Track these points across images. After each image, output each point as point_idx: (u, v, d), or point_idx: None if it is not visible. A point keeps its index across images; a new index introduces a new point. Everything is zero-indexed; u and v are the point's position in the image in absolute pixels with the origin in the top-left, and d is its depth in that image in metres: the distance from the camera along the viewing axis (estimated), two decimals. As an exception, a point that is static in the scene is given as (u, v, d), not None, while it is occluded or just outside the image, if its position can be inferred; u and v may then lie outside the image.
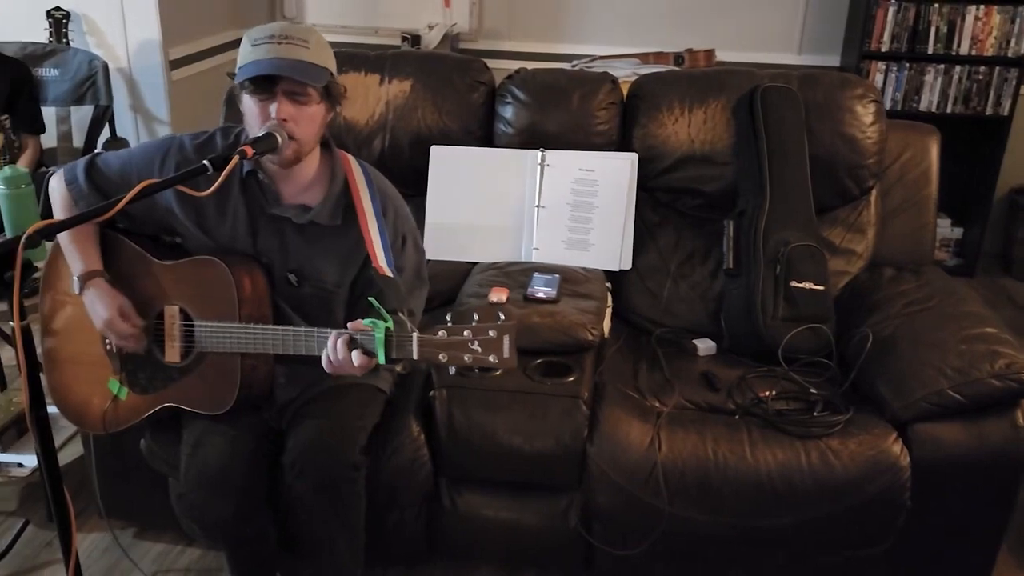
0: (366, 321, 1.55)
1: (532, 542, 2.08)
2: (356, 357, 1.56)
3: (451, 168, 2.51)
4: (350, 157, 1.88)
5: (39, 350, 1.85)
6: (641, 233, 2.48)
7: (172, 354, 1.80)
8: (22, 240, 1.32)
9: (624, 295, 2.46)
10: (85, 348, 1.86)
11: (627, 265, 2.46)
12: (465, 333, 1.48)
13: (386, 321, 1.53)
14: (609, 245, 2.45)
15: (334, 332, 1.59)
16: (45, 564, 2.24)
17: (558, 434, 1.96)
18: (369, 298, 1.57)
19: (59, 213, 1.85)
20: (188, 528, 2.15)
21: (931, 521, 1.96)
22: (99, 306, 1.76)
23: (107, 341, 1.84)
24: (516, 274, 2.32)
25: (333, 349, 1.58)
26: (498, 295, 2.18)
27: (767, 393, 2.06)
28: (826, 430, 1.95)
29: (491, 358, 1.47)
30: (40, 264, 2.18)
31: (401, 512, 2.05)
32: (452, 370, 1.50)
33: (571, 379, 2.02)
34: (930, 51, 3.78)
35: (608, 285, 2.39)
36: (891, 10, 3.75)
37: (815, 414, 1.99)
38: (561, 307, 2.16)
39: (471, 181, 2.50)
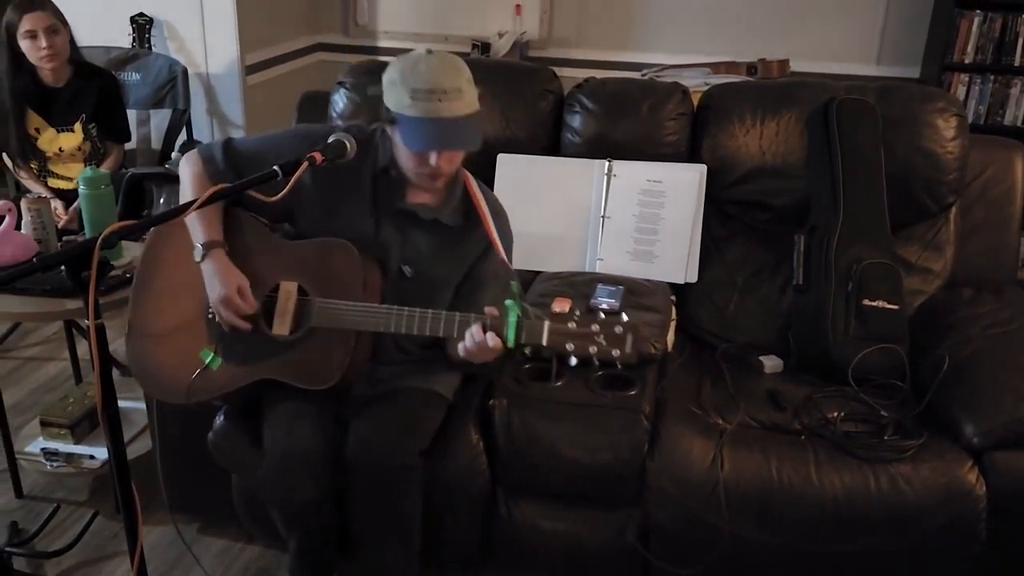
0: (508, 301, 1.62)
1: (588, 555, 2.05)
2: (490, 339, 1.63)
3: (517, 176, 2.51)
4: (463, 168, 1.94)
5: (128, 317, 1.91)
6: (708, 246, 2.44)
7: (281, 327, 1.83)
8: (99, 240, 1.35)
9: (689, 308, 2.42)
10: (180, 317, 1.90)
11: (693, 278, 2.42)
12: (593, 327, 1.57)
13: (518, 306, 1.60)
14: (675, 257, 2.41)
15: (472, 317, 1.67)
16: (112, 555, 2.30)
17: (617, 448, 1.94)
18: (511, 282, 1.65)
19: (189, 190, 1.89)
20: (249, 526, 2.19)
21: (1007, 555, 1.88)
22: (217, 281, 1.81)
23: (211, 311, 1.87)
24: (580, 284, 2.30)
25: (470, 332, 1.66)
26: (561, 305, 2.16)
27: (835, 414, 2.00)
28: (897, 455, 1.88)
29: (614, 352, 1.56)
30: (116, 263, 2.25)
31: (457, 518, 2.05)
32: (573, 361, 1.58)
33: (633, 392, 2.00)
34: (1016, 63, 3.63)
35: (673, 298, 2.35)
36: (976, 20, 3.62)
37: (886, 438, 1.93)
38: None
39: (537, 190, 2.49)
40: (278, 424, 1.85)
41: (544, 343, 1.59)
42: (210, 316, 1.88)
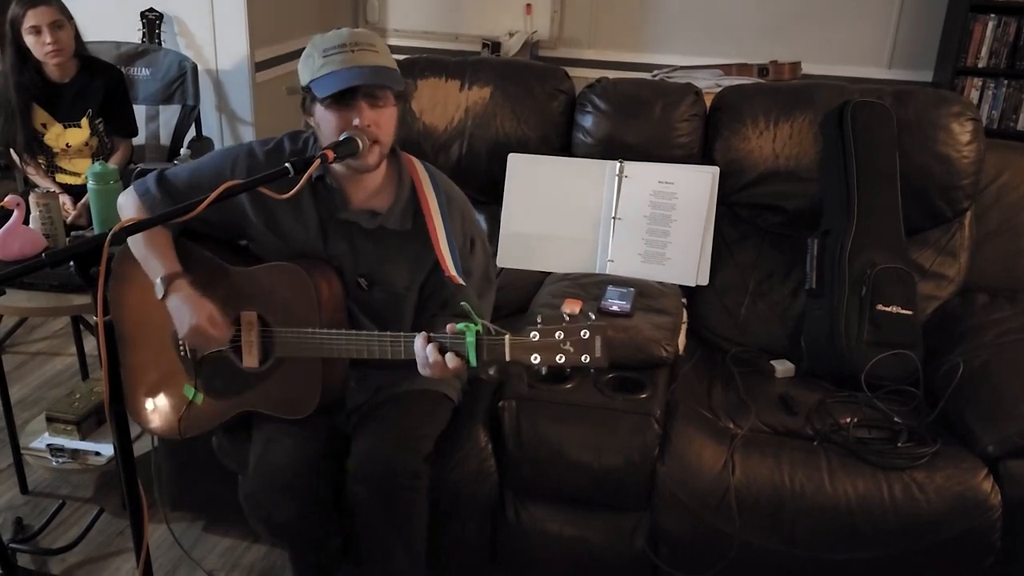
0: (459, 326, 1.55)
1: (597, 561, 2.04)
2: (450, 360, 1.56)
3: (528, 176, 2.49)
4: (415, 160, 1.87)
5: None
6: (720, 249, 2.42)
7: (250, 360, 1.80)
8: (108, 237, 1.34)
9: (700, 311, 2.41)
10: (156, 355, 1.88)
11: (704, 281, 2.40)
12: (557, 335, 1.48)
13: (476, 324, 1.53)
14: (686, 260, 2.40)
15: (421, 335, 1.59)
16: (118, 552, 2.29)
17: (627, 451, 1.92)
18: (462, 303, 1.58)
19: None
20: (255, 526, 2.17)
21: (1023, 565, 1.85)
22: (186, 312, 1.73)
23: (181, 347, 1.86)
24: (590, 286, 2.28)
25: (423, 352, 1.58)
26: (571, 307, 2.15)
27: (848, 420, 1.98)
28: (911, 462, 1.86)
29: (583, 358, 1.48)
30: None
31: (464, 522, 2.03)
32: (544, 370, 1.51)
33: (643, 396, 1.98)
34: (1031, 67, 3.62)
35: (684, 301, 2.33)
36: (990, 24, 3.60)
37: (899, 444, 1.90)
38: (635, 322, 2.12)
39: (548, 190, 2.48)
40: (258, 444, 1.84)
41: (507, 359, 1.51)
42: (181, 353, 1.86)
